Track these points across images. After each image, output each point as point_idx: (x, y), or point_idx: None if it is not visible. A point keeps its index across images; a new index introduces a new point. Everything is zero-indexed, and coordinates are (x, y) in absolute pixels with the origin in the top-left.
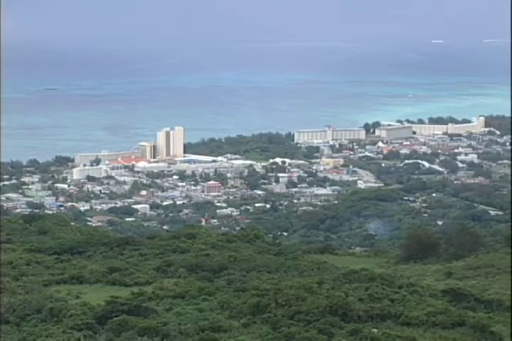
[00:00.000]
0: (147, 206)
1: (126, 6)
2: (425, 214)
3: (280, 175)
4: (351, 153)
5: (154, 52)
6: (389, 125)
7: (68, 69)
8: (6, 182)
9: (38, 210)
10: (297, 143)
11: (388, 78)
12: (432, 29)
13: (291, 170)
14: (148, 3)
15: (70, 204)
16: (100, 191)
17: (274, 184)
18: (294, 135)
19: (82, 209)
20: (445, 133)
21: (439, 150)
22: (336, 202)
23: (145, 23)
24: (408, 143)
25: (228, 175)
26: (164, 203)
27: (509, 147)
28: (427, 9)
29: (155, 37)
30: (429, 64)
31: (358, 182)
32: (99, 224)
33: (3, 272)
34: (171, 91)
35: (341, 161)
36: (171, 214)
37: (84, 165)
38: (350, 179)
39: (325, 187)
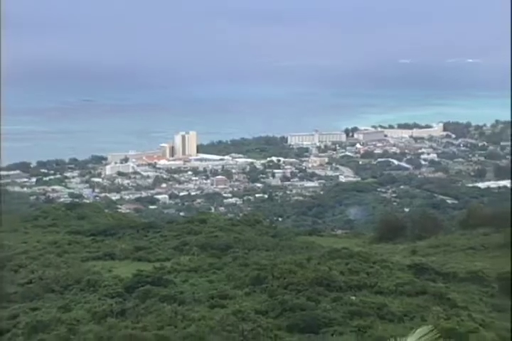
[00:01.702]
0: (167, 196)
1: (143, 29)
2: (395, 203)
3: (276, 171)
4: (334, 152)
5: (169, 68)
6: (365, 130)
7: (97, 82)
8: (51, 177)
9: (77, 199)
10: (290, 145)
11: (366, 91)
12: (402, 50)
13: (285, 166)
14: (161, 28)
15: (103, 194)
16: (128, 184)
17: (271, 178)
18: (287, 138)
19: (113, 198)
20: (411, 137)
21: (406, 151)
22: (321, 193)
23: (158, 43)
24: (381, 144)
25: (233, 170)
26: (181, 194)
27: (463, 148)
28: (399, 33)
29: (168, 55)
30: (400, 79)
31: (340, 176)
32: (128, 211)
33: (49, 250)
34: (186, 102)
35: (326, 159)
36: (186, 203)
37: (115, 162)
38: (333, 174)
39: (313, 181)
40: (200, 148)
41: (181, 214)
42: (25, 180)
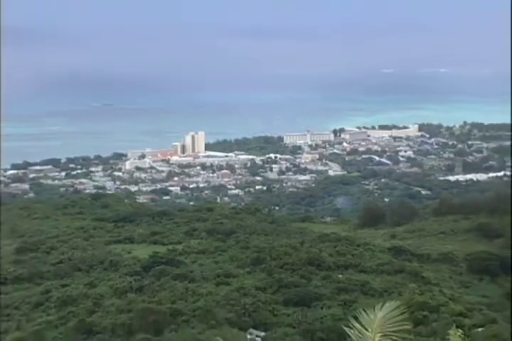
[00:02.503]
0: (178, 188)
1: (157, 43)
2: (376, 194)
3: (273, 166)
4: (324, 150)
5: (179, 76)
6: (351, 130)
7: (117, 89)
8: (78, 171)
9: (101, 191)
10: (285, 143)
11: (352, 97)
12: (385, 61)
13: (281, 162)
14: (173, 41)
15: (123, 186)
16: (145, 177)
17: (269, 172)
18: (283, 137)
19: (132, 190)
20: (390, 136)
21: (386, 148)
22: (313, 185)
23: (170, 55)
24: (364, 143)
25: (236, 166)
26: (191, 186)
27: (435, 146)
28: (382, 46)
29: (178, 64)
30: (381, 86)
31: (329, 171)
32: (145, 200)
33: (76, 235)
34: (195, 106)
35: (317, 156)
36: (195, 194)
37: (134, 159)
38: (323, 169)
39: (305, 175)
40: (208, 146)
41: (191, 203)
42: (56, 174)
